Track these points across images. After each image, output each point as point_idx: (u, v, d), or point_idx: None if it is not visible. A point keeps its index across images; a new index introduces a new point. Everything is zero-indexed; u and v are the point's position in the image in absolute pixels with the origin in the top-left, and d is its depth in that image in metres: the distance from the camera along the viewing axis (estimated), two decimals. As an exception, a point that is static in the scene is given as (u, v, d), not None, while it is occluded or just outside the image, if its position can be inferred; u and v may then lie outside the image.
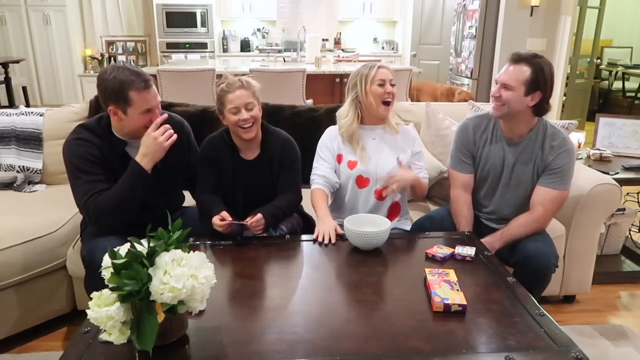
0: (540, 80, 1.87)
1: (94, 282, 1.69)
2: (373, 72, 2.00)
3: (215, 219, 1.82)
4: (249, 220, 1.82)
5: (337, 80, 5.03)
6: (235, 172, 2.00)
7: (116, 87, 1.69)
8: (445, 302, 1.38)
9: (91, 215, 1.75)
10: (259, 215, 1.83)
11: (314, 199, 2.02)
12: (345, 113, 2.08)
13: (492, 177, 2.06)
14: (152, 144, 1.77)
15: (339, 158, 2.10)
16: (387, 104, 2.02)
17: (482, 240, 1.93)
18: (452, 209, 2.10)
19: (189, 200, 2.20)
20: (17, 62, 6.54)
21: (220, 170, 2.00)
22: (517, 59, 1.90)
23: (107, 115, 1.83)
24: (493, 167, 2.04)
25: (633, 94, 7.18)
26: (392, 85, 2.02)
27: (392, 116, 2.11)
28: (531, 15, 5.17)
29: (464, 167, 2.09)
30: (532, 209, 1.97)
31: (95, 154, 1.78)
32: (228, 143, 2.00)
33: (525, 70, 1.87)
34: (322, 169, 2.07)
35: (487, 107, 2.28)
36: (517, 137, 2.00)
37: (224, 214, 1.82)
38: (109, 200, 1.75)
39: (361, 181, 2.07)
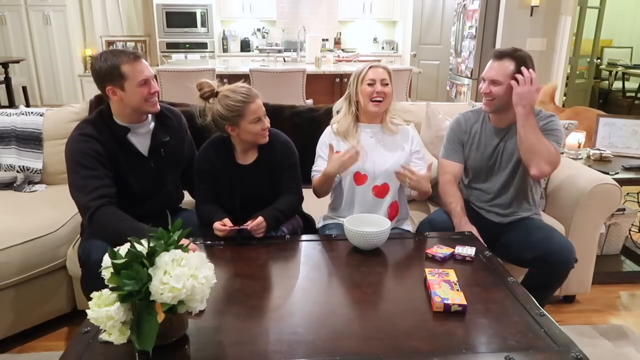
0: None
1: (89, 282, 1.69)
2: (364, 72, 2.04)
3: (217, 224, 1.82)
4: (250, 224, 1.81)
5: (337, 80, 5.02)
6: (232, 178, 1.97)
7: (109, 66, 1.75)
8: (445, 302, 1.38)
9: (88, 216, 1.74)
10: (260, 219, 1.83)
11: (315, 181, 2.04)
12: (338, 107, 2.15)
13: (484, 164, 2.13)
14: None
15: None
16: (376, 102, 2.03)
17: None
18: (441, 193, 2.18)
19: (188, 203, 2.21)
20: (17, 62, 6.54)
21: (217, 177, 1.98)
22: (500, 55, 2.01)
23: (106, 106, 1.87)
24: (485, 156, 2.12)
25: (633, 94, 7.18)
26: (385, 85, 2.03)
27: (390, 117, 2.11)
28: (531, 15, 5.17)
29: (455, 156, 2.20)
30: None
31: (98, 150, 1.79)
32: (225, 149, 1.98)
33: (509, 65, 1.97)
34: (323, 164, 2.06)
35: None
36: (505, 124, 2.09)
37: (226, 220, 1.82)
38: (110, 223, 1.72)
39: (359, 178, 2.08)
